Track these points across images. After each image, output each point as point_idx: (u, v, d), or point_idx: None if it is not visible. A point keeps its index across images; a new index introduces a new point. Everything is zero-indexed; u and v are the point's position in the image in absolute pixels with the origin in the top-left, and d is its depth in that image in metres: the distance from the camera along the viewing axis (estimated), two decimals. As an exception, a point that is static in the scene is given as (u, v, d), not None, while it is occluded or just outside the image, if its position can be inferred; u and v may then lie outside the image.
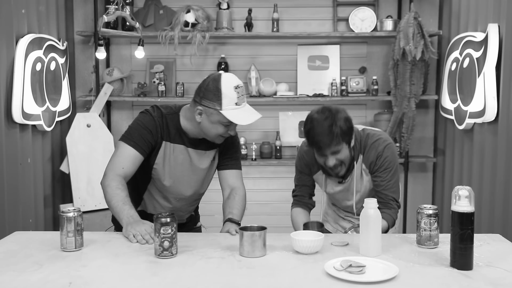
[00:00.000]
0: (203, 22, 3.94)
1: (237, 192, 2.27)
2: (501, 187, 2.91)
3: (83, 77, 4.14)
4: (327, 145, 2.16)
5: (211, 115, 2.09)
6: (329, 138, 2.15)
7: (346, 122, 2.19)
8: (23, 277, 1.62)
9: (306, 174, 2.45)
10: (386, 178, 2.30)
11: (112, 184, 2.09)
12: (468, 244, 1.66)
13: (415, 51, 3.69)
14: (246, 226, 1.88)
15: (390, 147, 2.32)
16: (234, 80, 2.10)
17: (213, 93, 2.07)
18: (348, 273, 1.61)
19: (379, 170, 2.30)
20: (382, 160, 2.29)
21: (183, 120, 2.19)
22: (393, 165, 2.32)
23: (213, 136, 2.14)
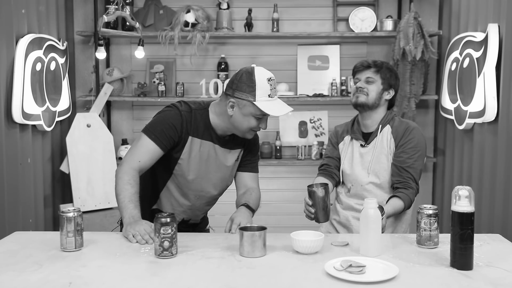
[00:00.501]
0: (203, 22, 3.94)
1: (254, 191, 2.29)
2: (501, 187, 2.91)
3: (83, 77, 4.14)
4: (365, 66, 2.44)
5: (244, 107, 2.08)
6: (370, 62, 2.44)
7: (393, 70, 2.46)
8: (23, 277, 1.62)
9: (334, 144, 2.57)
10: (413, 157, 2.36)
11: (124, 177, 2.07)
12: (468, 244, 1.66)
13: (415, 51, 3.69)
14: (246, 226, 1.89)
15: (420, 132, 2.43)
16: (267, 72, 2.11)
17: (247, 85, 2.06)
18: (348, 273, 1.61)
19: (407, 146, 2.36)
20: (411, 137, 2.37)
21: (213, 116, 2.17)
22: (421, 149, 2.40)
23: (245, 129, 2.12)
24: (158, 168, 2.19)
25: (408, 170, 2.35)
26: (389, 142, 2.41)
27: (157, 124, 2.15)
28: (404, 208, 2.31)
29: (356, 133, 2.50)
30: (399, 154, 2.38)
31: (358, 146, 2.48)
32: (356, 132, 2.50)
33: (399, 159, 2.37)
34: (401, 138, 2.39)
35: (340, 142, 2.56)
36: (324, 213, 2.16)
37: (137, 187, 2.08)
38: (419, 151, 2.39)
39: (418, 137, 2.40)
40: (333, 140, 2.60)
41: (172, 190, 2.24)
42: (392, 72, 2.45)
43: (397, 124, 2.43)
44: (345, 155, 2.51)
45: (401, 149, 2.38)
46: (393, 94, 2.46)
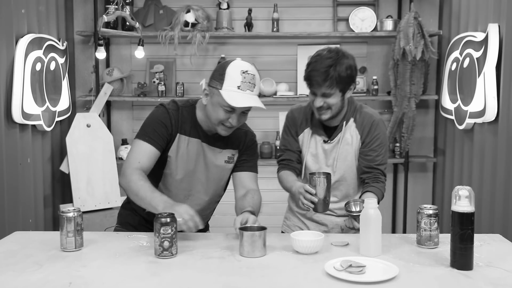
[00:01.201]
0: (203, 22, 3.94)
1: (254, 193, 2.20)
2: (501, 187, 2.91)
3: (83, 77, 4.14)
4: (318, 84, 2.15)
5: (213, 96, 2.06)
6: (322, 78, 2.13)
7: (348, 70, 2.16)
8: (23, 277, 1.62)
9: (293, 135, 2.38)
10: (380, 153, 2.29)
11: (133, 177, 2.02)
12: (468, 244, 1.66)
13: (415, 51, 3.69)
14: (246, 226, 1.88)
15: (383, 123, 2.34)
16: (246, 66, 2.05)
17: (218, 73, 2.06)
18: (348, 273, 1.61)
19: (374, 144, 2.27)
20: (377, 133, 2.28)
21: (198, 112, 2.16)
22: (386, 142, 2.34)
23: (214, 121, 2.07)
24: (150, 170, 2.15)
25: (377, 168, 2.28)
26: (354, 138, 2.30)
27: (147, 125, 2.12)
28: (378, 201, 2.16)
29: (317, 128, 2.33)
30: (366, 152, 2.29)
31: (320, 142, 2.33)
32: (317, 127, 2.32)
33: (367, 157, 2.29)
34: (367, 134, 2.28)
35: (300, 133, 2.37)
36: (325, 203, 2.10)
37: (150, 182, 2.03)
38: (385, 145, 2.32)
39: (383, 131, 2.32)
40: (291, 129, 2.39)
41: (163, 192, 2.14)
42: (348, 71, 2.17)
43: (362, 118, 2.30)
44: (308, 149, 2.35)
45: (368, 147, 2.29)
46: (354, 87, 2.25)
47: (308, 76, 2.19)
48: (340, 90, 2.17)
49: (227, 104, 2.01)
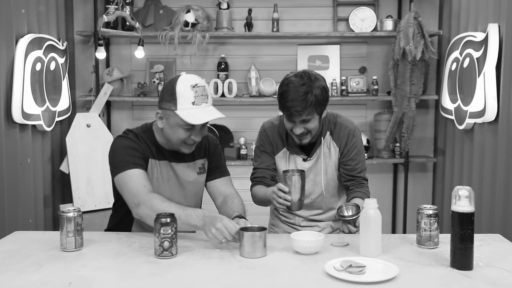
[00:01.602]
0: (203, 22, 3.94)
1: (234, 197, 2.18)
2: (501, 187, 2.91)
3: (83, 77, 4.14)
4: (299, 113, 2.11)
5: (169, 118, 2.02)
6: (302, 106, 2.10)
7: (323, 91, 2.15)
8: (23, 277, 1.62)
9: (268, 153, 2.35)
10: (360, 161, 2.32)
11: (154, 202, 1.92)
12: (468, 244, 1.66)
13: (415, 51, 3.69)
14: (246, 226, 1.88)
15: (358, 130, 2.36)
16: (194, 79, 2.02)
17: (169, 94, 2.00)
18: (348, 273, 1.61)
19: (352, 153, 2.29)
20: (353, 142, 2.29)
21: (157, 135, 2.13)
22: (362, 147, 2.36)
23: (176, 142, 2.04)
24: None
25: (359, 175, 2.32)
26: (332, 151, 2.31)
27: (120, 157, 2.05)
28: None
29: (293, 147, 2.30)
30: (346, 162, 2.30)
31: (300, 161, 2.31)
32: (293, 146, 2.30)
33: (347, 167, 2.31)
34: (345, 145, 2.29)
35: (276, 153, 2.35)
36: (299, 202, 2.07)
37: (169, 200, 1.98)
38: (362, 151, 2.35)
39: (359, 138, 2.34)
40: (266, 148, 2.36)
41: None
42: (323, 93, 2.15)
43: (338, 130, 2.31)
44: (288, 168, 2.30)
45: (347, 157, 2.30)
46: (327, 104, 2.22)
47: (286, 106, 2.13)
48: (318, 113, 2.17)
49: (186, 123, 1.98)
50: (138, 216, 1.98)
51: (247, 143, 4.08)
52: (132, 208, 1.98)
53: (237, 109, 4.18)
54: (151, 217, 1.86)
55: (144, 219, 1.96)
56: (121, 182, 2.03)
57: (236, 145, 4.10)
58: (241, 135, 4.15)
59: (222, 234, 1.82)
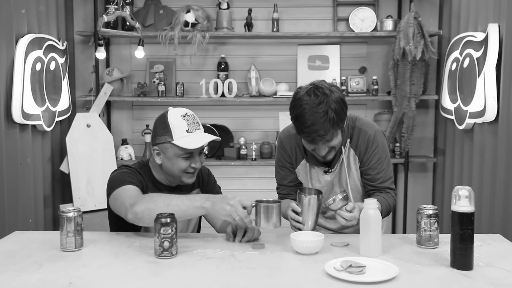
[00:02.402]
0: (203, 22, 3.94)
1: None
2: (501, 187, 2.90)
3: (83, 77, 4.14)
4: (322, 137, 1.94)
5: (167, 151, 2.05)
6: (324, 129, 1.91)
7: (341, 104, 1.95)
8: (23, 277, 1.62)
9: (288, 168, 2.23)
10: (382, 169, 2.13)
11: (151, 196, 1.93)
12: (468, 244, 1.66)
13: (415, 51, 3.69)
14: (261, 199, 1.93)
15: (380, 135, 2.15)
16: (182, 110, 2.08)
17: (162, 128, 2.06)
18: (348, 273, 1.61)
19: (372, 161, 2.12)
20: (373, 149, 2.11)
21: (154, 171, 2.16)
22: (386, 154, 2.15)
23: (177, 174, 2.07)
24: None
25: (381, 186, 2.15)
26: (351, 159, 2.15)
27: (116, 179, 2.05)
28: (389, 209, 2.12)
29: (313, 159, 2.16)
30: (366, 171, 2.14)
31: (321, 173, 2.18)
32: (313, 158, 2.15)
33: (368, 177, 2.15)
34: (364, 153, 2.12)
35: (296, 166, 2.22)
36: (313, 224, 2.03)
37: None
38: (385, 158, 2.14)
39: (380, 144, 2.14)
40: (285, 163, 2.23)
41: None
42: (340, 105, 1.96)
43: (356, 137, 2.14)
44: (309, 181, 2.20)
45: (366, 166, 2.14)
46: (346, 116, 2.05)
47: (306, 132, 1.95)
48: (340, 128, 2.00)
49: (184, 152, 2.03)
50: (133, 215, 1.88)
51: (247, 143, 4.08)
52: (127, 210, 1.90)
53: (237, 109, 4.18)
54: (150, 209, 1.85)
55: (141, 214, 1.87)
56: (115, 195, 2.00)
57: (236, 145, 4.10)
58: (241, 135, 4.15)
59: (237, 211, 1.83)
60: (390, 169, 2.18)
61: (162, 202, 1.87)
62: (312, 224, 2.03)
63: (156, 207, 1.85)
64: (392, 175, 2.20)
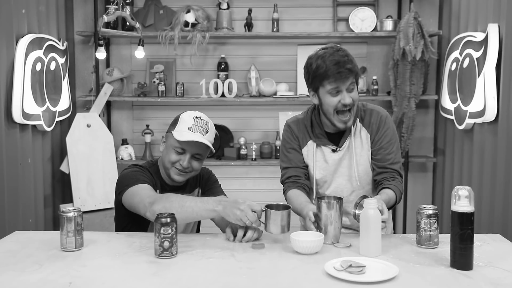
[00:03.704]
0: (203, 22, 3.94)
1: None
2: (501, 187, 2.91)
3: (83, 77, 4.14)
4: (349, 70, 2.00)
5: (168, 139, 2.18)
6: (350, 64, 2.01)
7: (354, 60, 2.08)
8: (23, 277, 1.62)
9: (296, 149, 2.22)
10: (392, 151, 2.14)
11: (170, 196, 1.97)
12: (468, 244, 1.66)
13: (415, 51, 3.69)
14: (271, 204, 1.95)
15: (390, 118, 2.19)
16: (199, 113, 2.17)
17: (174, 120, 2.19)
18: (348, 273, 1.61)
19: (384, 141, 2.13)
20: (385, 129, 2.13)
21: (161, 170, 2.23)
22: (396, 138, 2.18)
23: (167, 164, 2.14)
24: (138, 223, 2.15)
25: (391, 167, 2.14)
26: (364, 139, 2.15)
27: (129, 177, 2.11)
28: (396, 199, 2.08)
29: (321, 138, 2.17)
30: (377, 151, 2.14)
31: (329, 152, 2.17)
32: (321, 137, 2.17)
33: (377, 157, 2.14)
34: (376, 132, 2.13)
35: (303, 146, 2.21)
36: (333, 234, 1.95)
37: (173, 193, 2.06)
38: (395, 141, 2.17)
39: (392, 127, 2.17)
40: (293, 143, 2.23)
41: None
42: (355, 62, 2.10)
43: (369, 116, 2.16)
44: (315, 162, 2.18)
45: (377, 146, 2.14)
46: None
47: (332, 70, 2.00)
48: (356, 82, 2.08)
49: (178, 144, 2.10)
50: (151, 214, 1.91)
51: (247, 143, 4.08)
52: (146, 208, 1.95)
53: (237, 109, 4.19)
54: (166, 209, 1.89)
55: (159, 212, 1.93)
56: (131, 192, 2.05)
57: (236, 145, 4.10)
58: (241, 135, 4.15)
59: (247, 215, 1.85)
60: (399, 154, 2.20)
61: (178, 203, 1.92)
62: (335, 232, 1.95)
63: (172, 207, 1.90)
64: (401, 161, 2.20)
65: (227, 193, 2.35)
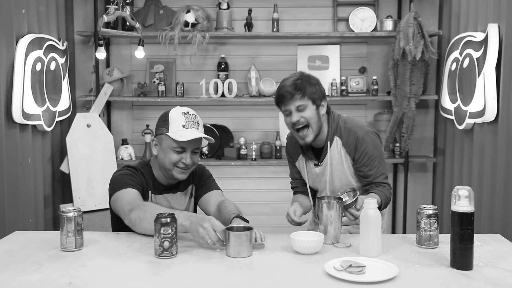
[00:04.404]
0: (203, 22, 3.94)
1: (225, 202, 2.20)
2: (501, 187, 2.91)
3: (83, 77, 4.14)
4: (290, 93, 2.18)
5: (162, 142, 2.15)
6: (292, 88, 2.18)
7: (313, 81, 2.23)
8: (23, 277, 1.62)
9: (291, 162, 2.49)
10: (374, 166, 2.25)
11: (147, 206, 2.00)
12: (468, 244, 1.66)
13: (415, 51, 3.69)
14: (232, 226, 1.88)
15: (370, 135, 2.27)
16: (185, 108, 2.17)
17: (162, 120, 2.17)
18: (348, 273, 1.61)
19: (364, 160, 2.25)
20: (363, 149, 2.24)
21: (154, 170, 2.24)
22: (378, 152, 2.27)
23: (169, 166, 2.14)
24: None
25: (375, 181, 2.27)
26: (343, 156, 2.29)
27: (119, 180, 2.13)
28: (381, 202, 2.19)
29: (307, 153, 2.36)
30: (359, 168, 2.28)
31: (312, 166, 2.37)
32: (307, 151, 2.36)
33: (361, 174, 2.29)
34: (354, 152, 2.26)
35: (295, 161, 2.46)
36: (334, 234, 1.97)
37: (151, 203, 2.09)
38: (376, 156, 2.26)
39: (371, 143, 2.26)
40: (289, 158, 2.51)
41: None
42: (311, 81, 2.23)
43: (346, 135, 2.27)
44: (305, 174, 2.42)
45: (358, 164, 2.27)
46: (325, 102, 2.26)
47: (278, 95, 2.24)
48: (312, 102, 2.20)
49: (176, 145, 2.11)
50: (128, 221, 2.01)
51: (247, 143, 4.08)
52: (125, 214, 2.03)
53: (237, 109, 4.19)
54: (140, 218, 1.96)
55: (133, 222, 1.99)
56: (116, 197, 2.10)
57: (236, 145, 4.10)
58: (241, 135, 4.15)
59: (209, 234, 1.83)
60: (382, 166, 2.31)
61: (151, 214, 1.91)
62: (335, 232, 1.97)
63: (145, 217, 1.95)
64: (385, 171, 2.32)
65: (227, 193, 2.35)
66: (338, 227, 1.97)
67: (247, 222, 2.00)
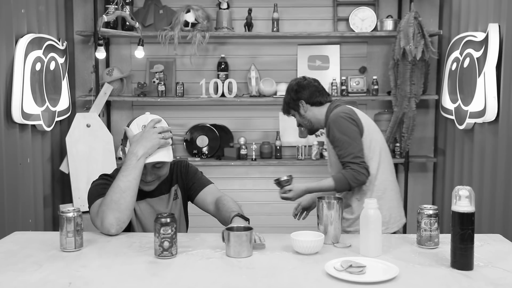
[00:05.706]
0: (203, 22, 3.94)
1: (223, 199, 2.15)
2: (502, 187, 2.90)
3: (83, 77, 4.14)
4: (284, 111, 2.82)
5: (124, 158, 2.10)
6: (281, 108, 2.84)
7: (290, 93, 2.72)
8: (22, 277, 1.61)
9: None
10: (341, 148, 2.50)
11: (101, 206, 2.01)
12: (468, 244, 1.66)
13: (415, 51, 3.69)
14: (232, 226, 1.86)
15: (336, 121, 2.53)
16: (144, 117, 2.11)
17: (124, 131, 2.12)
18: (349, 273, 1.61)
19: (333, 143, 2.54)
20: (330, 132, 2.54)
21: None
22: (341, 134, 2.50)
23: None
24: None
25: (342, 161, 2.52)
26: (326, 141, 2.68)
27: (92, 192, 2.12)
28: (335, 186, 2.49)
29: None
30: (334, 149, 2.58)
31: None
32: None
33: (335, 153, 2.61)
34: (327, 135, 2.59)
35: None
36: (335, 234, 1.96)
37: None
38: (340, 138, 2.50)
39: (336, 127, 2.52)
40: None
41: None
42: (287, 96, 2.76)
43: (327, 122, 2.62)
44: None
45: (333, 145, 2.57)
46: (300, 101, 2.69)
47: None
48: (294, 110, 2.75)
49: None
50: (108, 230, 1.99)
51: (247, 143, 4.08)
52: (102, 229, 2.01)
53: (237, 109, 4.18)
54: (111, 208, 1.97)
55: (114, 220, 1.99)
56: (91, 212, 2.10)
57: (236, 145, 4.10)
58: (241, 135, 4.15)
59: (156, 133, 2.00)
60: (351, 147, 2.50)
61: (113, 192, 1.98)
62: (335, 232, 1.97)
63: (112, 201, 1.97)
64: (353, 151, 2.49)
65: (227, 193, 2.34)
66: (338, 227, 1.97)
67: (247, 221, 1.99)
